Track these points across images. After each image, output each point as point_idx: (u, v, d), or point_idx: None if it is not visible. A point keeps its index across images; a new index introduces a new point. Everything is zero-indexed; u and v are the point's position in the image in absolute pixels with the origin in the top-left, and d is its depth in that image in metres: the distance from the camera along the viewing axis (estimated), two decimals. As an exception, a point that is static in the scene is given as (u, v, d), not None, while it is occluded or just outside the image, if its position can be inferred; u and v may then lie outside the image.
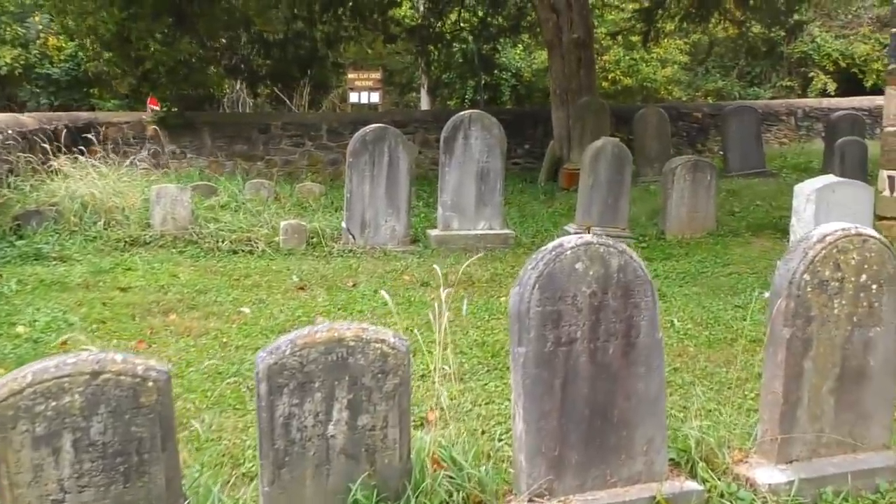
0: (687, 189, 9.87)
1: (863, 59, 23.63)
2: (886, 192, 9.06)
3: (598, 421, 3.59)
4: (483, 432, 4.55)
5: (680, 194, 9.86)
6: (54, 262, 7.89)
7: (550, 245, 3.54)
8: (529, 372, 3.48)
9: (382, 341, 3.24)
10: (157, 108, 14.60)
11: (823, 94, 22.73)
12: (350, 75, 18.80)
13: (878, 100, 17.36)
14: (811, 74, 24.11)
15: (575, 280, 3.48)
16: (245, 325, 6.27)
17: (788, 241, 7.51)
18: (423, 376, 5.37)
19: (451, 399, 4.97)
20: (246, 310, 6.75)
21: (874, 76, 23.15)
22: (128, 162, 10.39)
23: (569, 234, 9.64)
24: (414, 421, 4.58)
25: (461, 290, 7.58)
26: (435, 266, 8.44)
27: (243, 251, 8.76)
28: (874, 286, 3.77)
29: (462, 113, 9.47)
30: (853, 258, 3.71)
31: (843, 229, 3.73)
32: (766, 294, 7.61)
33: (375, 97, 18.57)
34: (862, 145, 11.71)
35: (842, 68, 23.96)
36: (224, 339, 5.90)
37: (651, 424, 3.67)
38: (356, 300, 7.11)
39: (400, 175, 9.08)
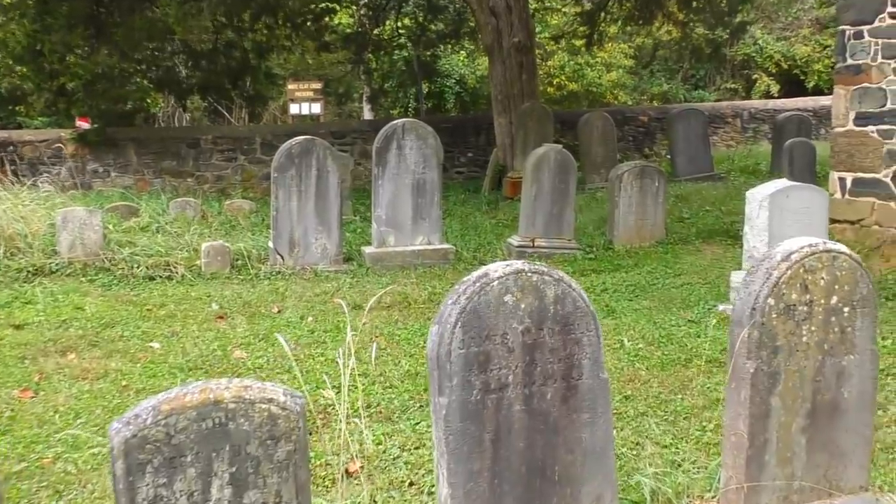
0: (634, 196, 9.44)
1: (804, 60, 23.67)
2: (838, 195, 8.74)
3: (536, 480, 3.05)
4: (411, 484, 3.99)
5: (627, 202, 9.43)
6: (-60, 300, 7.14)
7: (474, 275, 3.00)
8: (454, 427, 2.93)
9: (270, 401, 2.65)
10: (88, 124, 13.81)
11: (767, 95, 22.71)
12: (290, 86, 18.14)
13: (822, 100, 17.28)
14: (754, 76, 24.10)
15: (504, 315, 2.94)
16: (151, 364, 5.62)
17: (741, 248, 7.09)
18: (348, 417, 4.78)
19: (377, 444, 4.40)
20: (155, 345, 6.11)
21: (815, 77, 23.21)
22: (28, 184, 9.60)
23: (513, 246, 9.14)
24: (333, 475, 4.01)
25: (395, 312, 7.01)
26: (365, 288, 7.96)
27: (161, 277, 8.07)
28: (846, 309, 3.30)
29: (395, 122, 8.92)
30: (822, 278, 3.24)
31: (810, 245, 3.25)
32: (721, 307, 7.20)
33: (317, 108, 17.93)
34: (810, 146, 11.44)
35: (784, 70, 23.98)
36: (124, 382, 5.24)
37: (599, 479, 3.14)
38: (280, 328, 6.49)
39: (330, 190, 8.49)
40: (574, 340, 3.06)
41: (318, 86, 18.09)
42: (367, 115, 21.90)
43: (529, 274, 2.99)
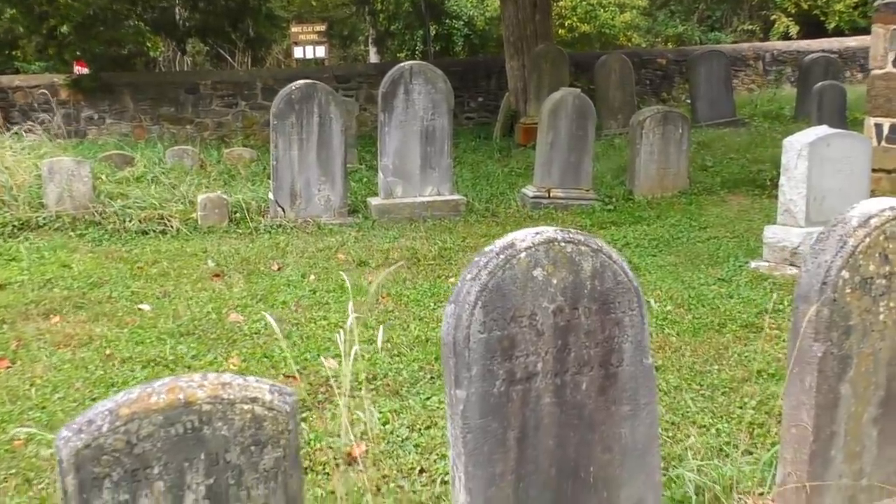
0: (656, 144, 8.89)
1: (824, 0, 22.73)
2: (873, 142, 8.16)
3: (568, 483, 2.62)
4: (421, 471, 3.58)
5: (649, 150, 8.89)
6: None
7: (498, 244, 2.53)
8: (473, 424, 2.48)
9: (254, 400, 2.21)
10: (86, 69, 13.22)
11: (785, 37, 21.82)
12: (294, 29, 17.48)
13: (847, 41, 16.53)
14: (773, 17, 23.17)
15: (533, 293, 2.47)
16: (139, 329, 5.20)
17: (770, 199, 6.58)
18: (352, 390, 4.36)
19: (384, 423, 3.97)
20: (145, 307, 5.68)
21: (836, 18, 22.29)
22: (13, 132, 9.08)
23: (527, 197, 8.65)
24: (335, 459, 3.60)
25: (402, 270, 6.55)
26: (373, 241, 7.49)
27: (154, 231, 7.61)
28: (931, 281, 2.81)
29: (402, 65, 8.35)
30: (906, 246, 2.75)
31: (892, 208, 2.75)
32: (753, 264, 6.72)
33: (321, 51, 17.29)
34: (840, 90, 10.83)
35: (803, 10, 23.02)
36: (109, 350, 4.82)
37: (640, 481, 2.70)
38: (279, 288, 6.06)
39: (333, 138, 7.97)
40: (614, 321, 2.59)
41: (321, 28, 17.44)
42: (373, 58, 21.17)
43: (563, 244, 2.51)
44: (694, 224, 7.96)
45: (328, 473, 3.52)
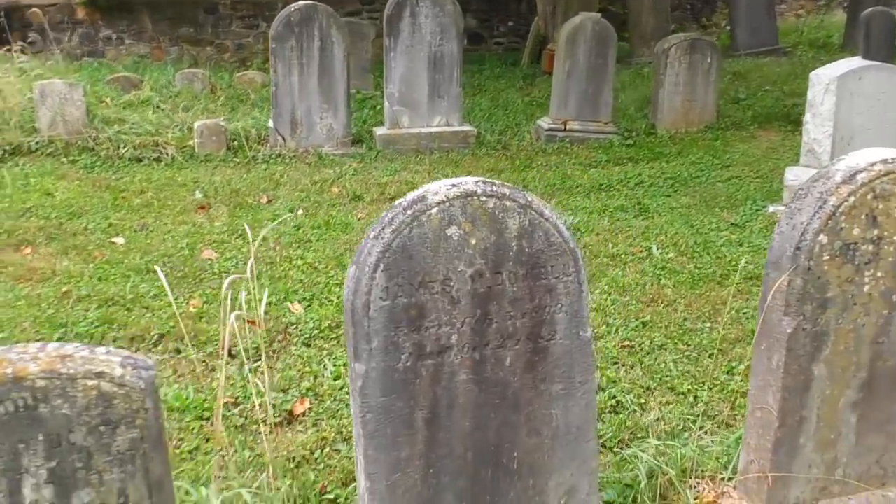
0: (682, 74, 8.32)
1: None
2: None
3: (487, 469, 2.31)
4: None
5: (674, 81, 8.32)
6: None
7: (407, 198, 2.18)
8: (374, 402, 2.18)
9: (100, 375, 1.92)
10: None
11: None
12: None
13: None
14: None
15: (446, 255, 2.13)
16: (106, 265, 4.97)
17: (801, 137, 6.07)
18: (312, 339, 4.10)
19: (335, 378, 3.70)
20: (119, 240, 5.45)
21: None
22: (13, 50, 8.79)
23: (542, 129, 8.19)
24: (275, 417, 3.34)
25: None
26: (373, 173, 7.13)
27: (149, 159, 7.35)
28: (929, 249, 2.40)
29: (409, -15, 7.84)
30: (899, 207, 2.34)
31: (885, 161, 2.33)
32: (771, 208, 6.24)
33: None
34: (891, 17, 10.03)
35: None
36: (68, 287, 4.59)
37: (573, 468, 2.39)
38: (263, 223, 5.77)
39: (335, 63, 7.56)
40: (545, 288, 2.24)
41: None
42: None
43: (484, 198, 2.15)
44: (716, 162, 7.46)
45: (262, 433, 3.26)
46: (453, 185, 2.16)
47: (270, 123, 7.76)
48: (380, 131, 7.97)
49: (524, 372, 2.29)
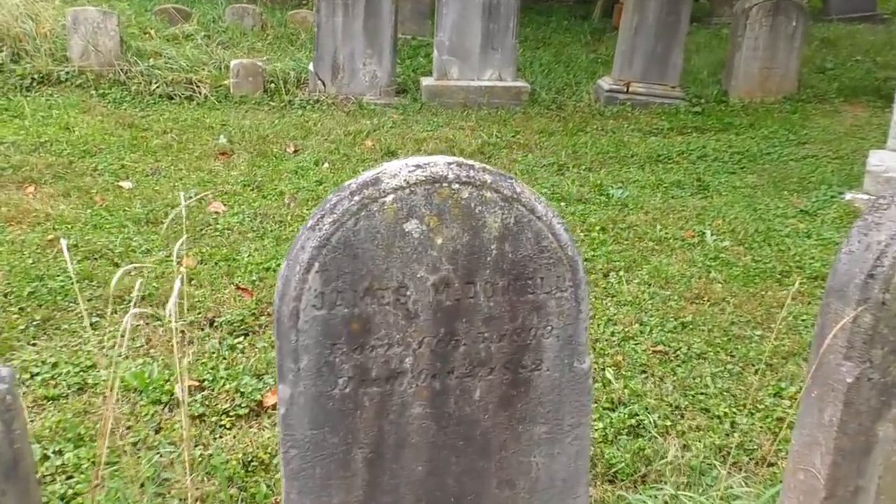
0: (763, 38, 7.55)
1: None
2: None
3: (444, 525, 1.84)
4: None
5: (752, 45, 7.57)
6: (-76, 106, 6.26)
7: (359, 178, 1.69)
8: (300, 435, 1.73)
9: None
10: None
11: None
12: None
13: None
14: None
15: (403, 257, 1.65)
16: (104, 211, 4.61)
17: (891, 116, 5.35)
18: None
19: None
20: (127, 184, 5.09)
21: None
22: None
23: (602, 90, 7.55)
24: (243, 407, 2.94)
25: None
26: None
27: (180, 97, 6.97)
28: None
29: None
30: None
31: None
32: (848, 195, 5.55)
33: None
34: None
35: None
36: (54, 235, 4.24)
37: (556, 529, 1.90)
38: (283, 175, 5.34)
39: (382, 5, 7.03)
40: (532, 305, 1.74)
41: None
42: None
43: (457, 186, 1.65)
44: (791, 138, 6.75)
45: (224, 426, 2.86)
46: (417, 167, 1.66)
47: (311, 67, 7.29)
48: (426, 82, 7.44)
49: (498, 409, 1.80)
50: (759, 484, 2.59)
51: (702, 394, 3.11)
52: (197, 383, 3.07)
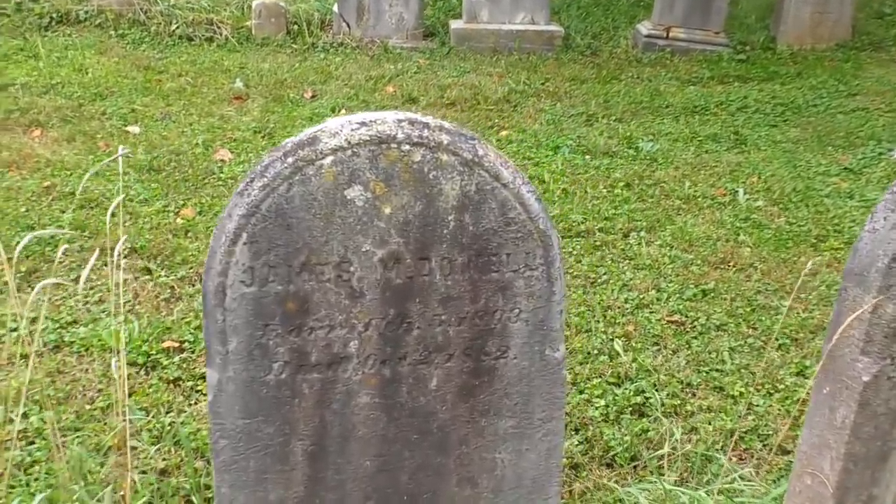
0: (816, -20, 7.07)
1: None
2: None
3: (397, 525, 1.66)
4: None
5: (804, -13, 7.09)
6: (-62, 44, 6.14)
7: (297, 137, 1.47)
8: (230, 425, 1.54)
9: None
10: None
11: None
12: None
13: None
14: None
15: (345, 227, 1.44)
16: (106, 157, 4.45)
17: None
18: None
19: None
20: (135, 129, 4.94)
21: None
22: None
23: (640, 35, 7.16)
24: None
25: (454, 113, 5.47)
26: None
27: (200, 38, 6.76)
28: None
29: None
30: None
31: None
32: (897, 153, 5.20)
33: None
34: None
35: None
36: (50, 182, 4.10)
37: (524, 531, 1.71)
38: (297, 121, 5.13)
39: (410, -57, 6.70)
40: (496, 285, 1.52)
41: None
42: None
43: (408, 147, 1.42)
44: (841, 89, 6.32)
45: (201, 392, 2.70)
46: (362, 125, 1.43)
47: (335, 8, 7.02)
48: (455, 25, 7.11)
49: (458, 399, 1.59)
50: (769, 475, 2.37)
51: (717, 370, 2.88)
52: (177, 344, 2.91)
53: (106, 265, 3.43)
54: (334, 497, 1.62)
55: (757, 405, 2.70)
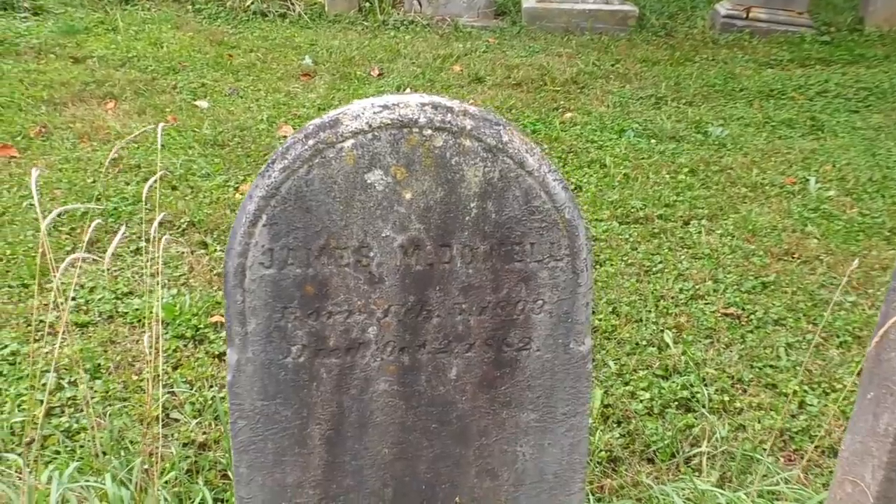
0: (909, -42, 6.72)
1: None
2: None
3: (415, 514, 1.65)
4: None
5: (896, -34, 6.75)
6: (23, 16, 6.32)
7: (319, 119, 1.45)
8: (248, 406, 1.55)
9: None
10: None
11: None
12: None
13: None
14: None
15: (365, 212, 1.42)
16: (174, 130, 4.53)
17: None
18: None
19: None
20: (203, 104, 5.01)
21: None
22: None
23: (719, 16, 6.94)
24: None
25: (520, 94, 5.40)
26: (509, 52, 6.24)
27: (274, 14, 6.82)
28: None
29: None
30: None
31: None
32: None
33: None
34: None
35: None
36: (124, 153, 4.19)
37: (545, 527, 1.67)
38: (361, 97, 5.12)
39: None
40: (519, 275, 1.48)
41: None
42: None
43: (430, 132, 1.39)
44: (933, 73, 6.02)
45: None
46: (384, 108, 1.41)
47: (407, -15, 7.00)
48: (527, 4, 7.01)
49: (478, 390, 1.57)
50: (819, 478, 2.28)
51: (771, 366, 2.77)
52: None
53: (163, 237, 3.51)
54: (352, 482, 1.61)
55: (811, 405, 2.59)
